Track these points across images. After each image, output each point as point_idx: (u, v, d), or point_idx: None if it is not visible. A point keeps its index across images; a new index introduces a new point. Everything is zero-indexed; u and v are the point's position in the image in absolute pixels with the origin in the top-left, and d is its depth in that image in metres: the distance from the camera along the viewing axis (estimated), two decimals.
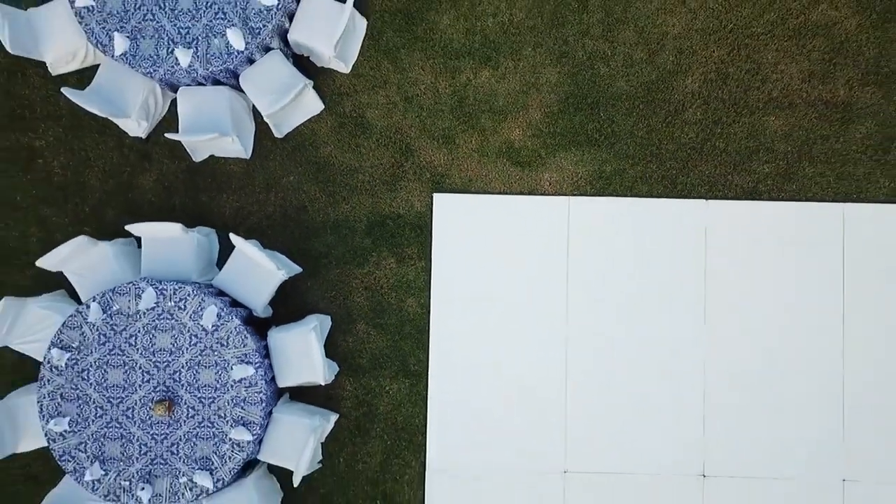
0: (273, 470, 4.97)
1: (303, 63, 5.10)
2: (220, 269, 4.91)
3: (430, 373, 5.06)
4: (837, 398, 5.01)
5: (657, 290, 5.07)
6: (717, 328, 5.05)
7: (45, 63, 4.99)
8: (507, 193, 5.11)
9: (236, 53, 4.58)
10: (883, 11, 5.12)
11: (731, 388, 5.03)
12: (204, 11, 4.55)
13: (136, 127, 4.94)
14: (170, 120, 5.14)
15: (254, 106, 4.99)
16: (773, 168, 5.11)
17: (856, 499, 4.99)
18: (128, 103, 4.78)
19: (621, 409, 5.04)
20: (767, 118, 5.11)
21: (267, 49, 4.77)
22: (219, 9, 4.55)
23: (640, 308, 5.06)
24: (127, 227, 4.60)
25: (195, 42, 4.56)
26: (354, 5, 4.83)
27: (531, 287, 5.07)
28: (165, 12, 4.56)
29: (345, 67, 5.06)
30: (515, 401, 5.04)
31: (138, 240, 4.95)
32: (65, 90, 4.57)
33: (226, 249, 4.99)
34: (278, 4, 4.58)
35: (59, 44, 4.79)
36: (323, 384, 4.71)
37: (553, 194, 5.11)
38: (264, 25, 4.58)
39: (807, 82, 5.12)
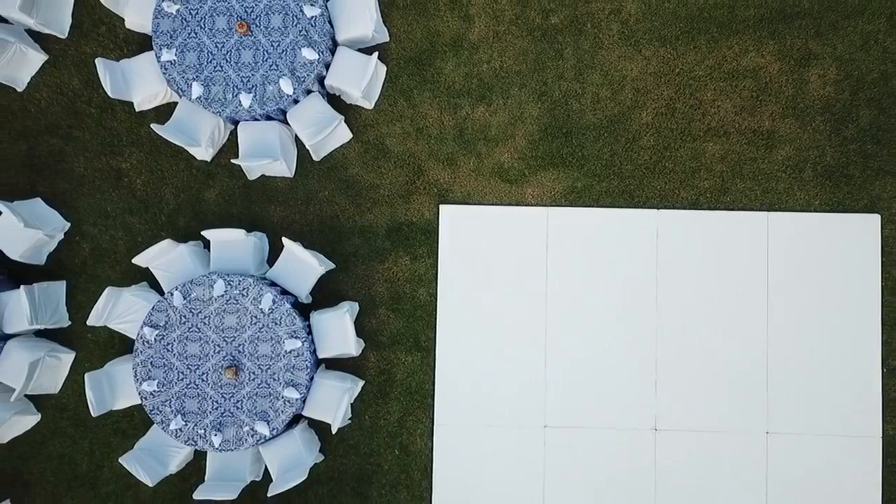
0: (311, 425, 6.25)
1: (335, 100, 6.38)
2: (269, 265, 6.20)
3: (437, 347, 6.33)
4: (762, 366, 6.26)
5: (619, 281, 6.34)
6: (666, 311, 6.31)
7: (131, 102, 6.28)
8: (498, 205, 6.39)
9: (286, 97, 5.87)
10: (799, 59, 6.38)
11: (677, 359, 6.29)
12: (261, 64, 5.84)
13: (203, 152, 6.23)
14: (228, 147, 6.43)
15: (296, 135, 6.27)
16: (712, 184, 6.37)
17: (777, 448, 6.25)
18: (199, 135, 6.07)
19: (589, 377, 6.30)
20: (707, 144, 6.38)
21: (308, 91, 6.05)
22: (273, 62, 5.84)
23: (604, 295, 6.33)
24: (203, 233, 5.89)
25: (254, 88, 5.85)
26: (370, 52, 6.11)
27: (518, 279, 6.34)
28: (231, 65, 5.85)
29: (369, 105, 6.35)
30: (505, 370, 6.31)
31: (206, 242, 6.24)
32: (153, 126, 5.86)
33: (274, 250, 6.27)
34: (318, 58, 5.86)
35: (145, 88, 6.08)
36: (354, 355, 6.00)
37: (535, 205, 6.38)
38: (308, 75, 5.86)
39: (738, 115, 6.38)
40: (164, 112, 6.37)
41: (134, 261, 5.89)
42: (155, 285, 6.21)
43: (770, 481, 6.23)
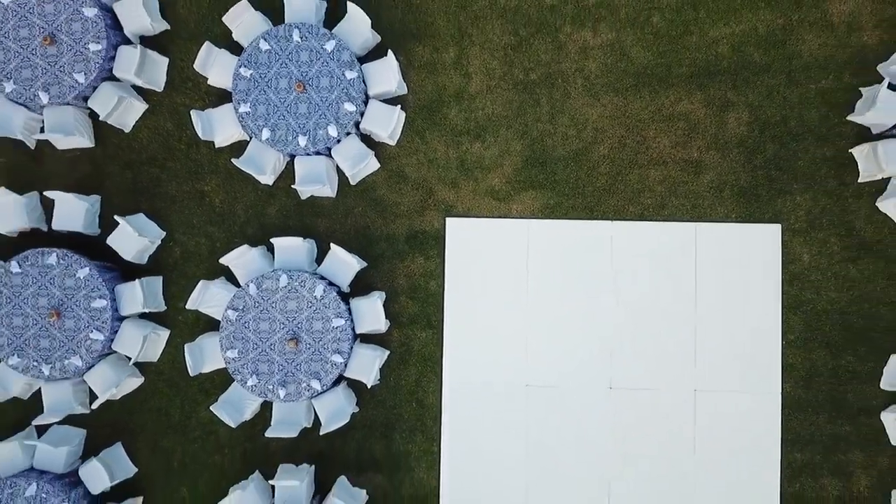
0: (350, 384, 8.26)
1: (367, 139, 8.38)
2: (318, 264, 8.20)
3: (444, 326, 8.34)
4: (692, 339, 8.25)
5: (584, 274, 8.33)
6: (619, 297, 8.31)
7: (212, 141, 8.29)
8: (490, 217, 8.39)
9: (332, 139, 7.88)
10: (720, 105, 8.37)
11: (628, 334, 8.28)
12: (313, 114, 7.85)
13: (267, 179, 8.23)
14: (285, 174, 8.43)
15: (337, 165, 8.28)
16: (653, 201, 8.37)
17: (702, 401, 8.25)
18: (265, 166, 8.08)
19: (561, 348, 8.30)
20: (649, 170, 8.37)
21: (348, 133, 8.05)
22: (322, 113, 7.84)
23: (573, 284, 8.32)
24: (272, 240, 7.90)
25: (308, 132, 7.86)
26: (396, 104, 8.10)
27: (506, 273, 8.33)
28: (291, 115, 7.86)
29: (392, 142, 8.35)
30: (496, 342, 8.31)
31: (269, 246, 8.24)
32: (233, 160, 7.88)
33: (321, 251, 8.27)
34: (356, 109, 7.87)
35: (224, 131, 8.09)
36: (382, 331, 8.02)
37: (518, 218, 8.38)
38: (348, 122, 7.87)
39: (673, 148, 8.38)
40: (235, 147, 8.38)
41: (221, 261, 7.91)
42: (231, 280, 8.22)
43: (697, 426, 8.23)
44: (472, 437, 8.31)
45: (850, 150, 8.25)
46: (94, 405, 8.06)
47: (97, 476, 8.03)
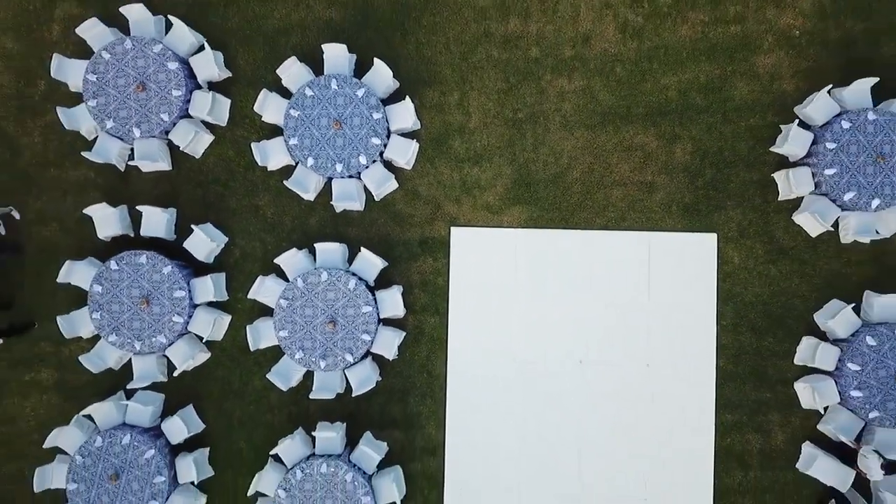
0: (375, 358, 10.42)
1: (388, 165, 10.55)
2: (350, 263, 10.36)
3: (449, 313, 10.51)
4: (646, 324, 10.42)
5: (560, 272, 10.48)
6: (590, 291, 10.46)
7: (265, 166, 10.46)
8: (486, 227, 10.55)
9: (362, 165, 10.05)
10: (669, 138, 10.52)
11: (595, 319, 10.44)
12: (347, 147, 10.02)
13: (310, 196, 10.40)
14: (323, 192, 10.59)
15: (365, 185, 10.44)
16: (615, 215, 10.52)
17: (654, 375, 10.40)
18: (308, 186, 10.25)
19: (541, 330, 10.46)
20: (612, 190, 10.53)
21: (374, 161, 10.22)
22: (354, 146, 10.01)
23: (550, 280, 10.48)
24: (315, 245, 10.08)
25: (344, 160, 10.03)
26: (411, 138, 10.26)
27: (498, 271, 10.50)
28: (330, 147, 10.03)
29: (408, 167, 10.52)
30: (490, 327, 10.47)
31: (311, 250, 10.40)
32: (285, 182, 10.06)
33: (352, 253, 10.43)
34: (381, 142, 10.04)
35: (276, 159, 10.26)
36: (400, 317, 10.20)
37: (508, 227, 10.55)
38: (375, 152, 10.04)
39: (632, 173, 10.53)
40: (284, 171, 10.55)
41: (275, 261, 10.09)
42: (280, 276, 10.39)
43: (649, 393, 10.39)
44: (471, 401, 10.48)
45: (772, 175, 10.41)
46: (175, 373, 10.26)
47: (176, 429, 10.23)
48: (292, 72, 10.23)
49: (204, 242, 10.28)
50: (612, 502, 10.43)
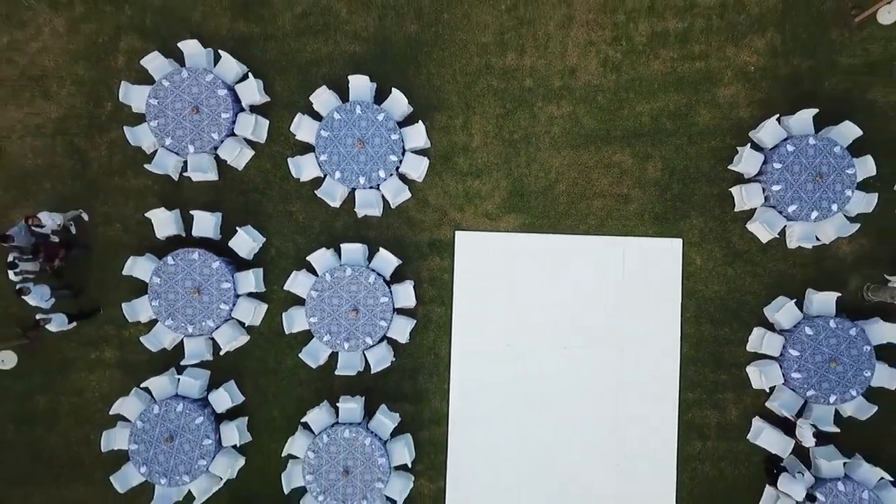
0: (390, 342, 12.26)
1: (403, 177, 12.38)
2: (370, 261, 12.20)
3: (453, 304, 12.35)
4: (619, 311, 12.24)
5: (547, 269, 12.31)
6: (573, 285, 12.29)
7: (298, 178, 12.28)
8: (485, 231, 12.39)
9: (381, 178, 11.90)
10: (643, 157, 12.35)
11: (577, 309, 12.27)
12: (369, 163, 11.85)
13: (336, 204, 12.23)
14: (347, 201, 12.43)
15: (383, 195, 12.28)
16: (596, 222, 12.35)
17: (627, 359, 12.23)
18: (335, 195, 12.10)
19: (531, 318, 12.29)
20: (593, 201, 12.36)
21: (391, 174, 12.06)
22: (375, 162, 11.85)
23: (539, 276, 12.30)
24: (342, 245, 11.92)
25: (366, 174, 11.87)
26: (423, 155, 12.09)
27: (494, 268, 12.33)
28: (355, 162, 11.87)
29: (420, 180, 12.35)
30: (489, 317, 12.30)
31: (337, 249, 12.23)
32: (316, 192, 11.90)
33: (371, 253, 12.27)
34: (398, 159, 11.87)
35: (309, 172, 12.11)
36: (412, 307, 12.04)
37: (504, 232, 12.38)
38: (392, 167, 11.89)
39: (611, 186, 12.35)
40: (314, 182, 12.38)
41: (307, 258, 11.93)
42: (311, 271, 12.23)
43: (622, 374, 12.21)
44: (471, 379, 12.32)
45: (729, 189, 12.23)
46: (221, 353, 12.12)
47: (221, 400, 12.08)
48: (322, 98, 12.08)
49: (245, 242, 12.13)
50: (590, 462, 12.27)
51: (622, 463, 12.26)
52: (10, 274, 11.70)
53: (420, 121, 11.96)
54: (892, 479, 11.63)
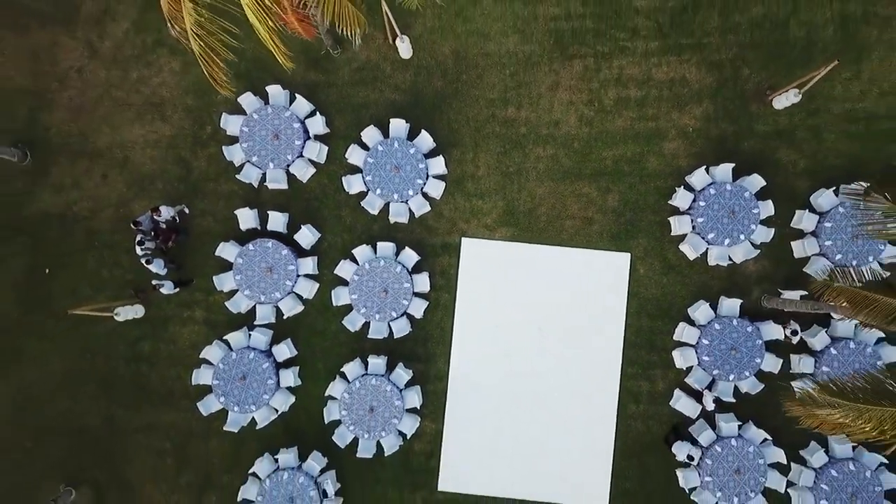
0: (408, 317, 16.51)
1: (426, 195, 16.62)
2: (397, 255, 16.45)
3: (457, 292, 16.60)
4: (578, 305, 16.47)
5: (529, 269, 16.55)
6: (547, 283, 16.51)
7: (348, 192, 16.55)
8: (484, 239, 16.63)
9: (410, 196, 16.15)
10: (605, 190, 16.57)
11: (551, 300, 16.49)
12: (402, 183, 16.09)
13: (374, 212, 16.48)
14: (383, 210, 16.68)
15: (410, 208, 16.53)
16: (567, 237, 16.56)
17: (586, 341, 16.45)
18: (375, 206, 16.35)
19: (515, 303, 16.52)
20: (566, 222, 16.58)
21: (417, 193, 16.31)
22: (405, 183, 16.10)
23: (522, 273, 16.54)
24: (378, 243, 16.18)
25: (399, 192, 16.12)
26: (441, 180, 16.32)
27: (490, 266, 16.57)
28: (391, 183, 16.12)
29: (437, 198, 16.60)
30: (483, 303, 16.54)
31: (374, 246, 16.48)
32: (361, 202, 16.18)
33: (398, 250, 16.52)
34: (423, 182, 16.13)
35: (356, 187, 16.38)
36: (426, 292, 16.31)
37: (499, 240, 16.62)
38: (419, 188, 16.14)
39: (579, 211, 16.57)
40: (360, 195, 16.63)
41: (352, 251, 16.21)
42: (353, 260, 16.48)
43: (578, 355, 16.43)
44: (467, 348, 16.54)
45: (668, 218, 16.44)
46: (284, 318, 16.40)
47: (282, 352, 16.35)
48: (369, 133, 16.34)
49: (306, 236, 16.41)
50: (555, 413, 16.47)
51: (579, 415, 16.47)
52: (137, 249, 16.02)
53: (441, 154, 16.22)
54: (771, 438, 15.80)
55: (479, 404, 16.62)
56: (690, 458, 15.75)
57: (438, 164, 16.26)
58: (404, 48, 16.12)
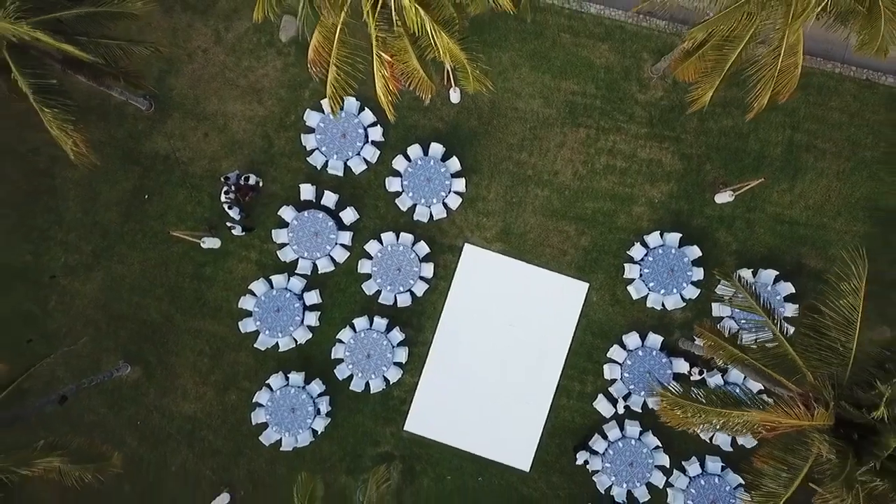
0: (412, 295, 21.45)
1: (445, 205, 21.53)
2: (413, 245, 21.39)
3: (452, 282, 21.51)
4: (542, 310, 21.37)
5: (510, 275, 21.46)
6: (523, 289, 21.42)
7: (387, 189, 21.50)
8: (481, 247, 21.55)
9: (434, 203, 21.09)
10: (580, 233, 21.48)
11: (517, 298, 21.39)
12: (430, 192, 21.04)
13: (404, 209, 21.43)
14: (411, 209, 21.61)
15: (431, 213, 21.46)
16: (543, 261, 21.46)
17: (542, 343, 21.35)
18: (406, 205, 21.31)
19: (494, 293, 21.44)
20: (546, 249, 21.49)
21: (439, 202, 21.25)
22: (433, 193, 21.04)
23: (504, 275, 21.46)
24: (401, 233, 21.12)
25: (426, 199, 21.08)
26: (460, 196, 21.23)
27: (482, 266, 21.49)
28: (422, 191, 21.07)
29: (454, 210, 21.53)
30: (475, 286, 21.46)
31: (398, 234, 21.41)
32: (396, 200, 21.15)
33: (415, 241, 21.45)
34: (445, 195, 21.08)
35: (394, 187, 21.34)
36: (430, 277, 21.27)
37: (493, 251, 21.54)
38: (442, 199, 21.10)
39: (558, 244, 21.46)
40: (395, 193, 21.55)
41: (381, 234, 21.16)
42: (378, 241, 21.41)
43: (538, 352, 21.34)
44: (451, 325, 21.44)
45: (624, 264, 21.30)
46: (319, 272, 21.35)
47: (311, 298, 21.31)
48: (413, 150, 21.30)
49: (349, 215, 21.37)
50: (509, 390, 21.33)
51: (524, 396, 21.32)
52: (222, 196, 21.03)
53: (463, 177, 21.17)
54: (662, 446, 20.65)
55: (450, 370, 21.51)
56: (586, 462, 20.61)
57: (460, 184, 21.20)
58: (455, 96, 21.10)
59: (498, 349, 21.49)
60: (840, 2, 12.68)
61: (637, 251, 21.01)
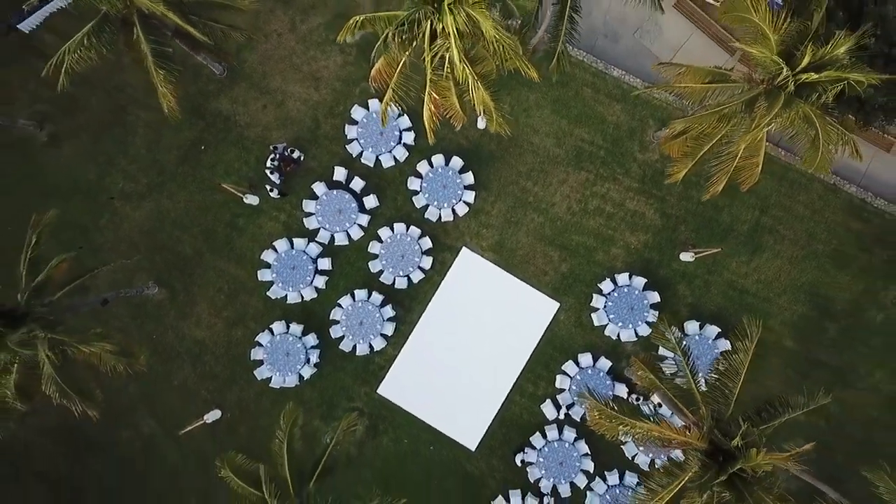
0: (410, 281, 24.86)
1: (454, 212, 24.95)
2: (420, 238, 24.81)
3: (446, 276, 24.92)
4: (513, 316, 24.79)
5: (496, 281, 24.86)
6: (504, 295, 24.81)
7: (407, 187, 24.91)
8: (476, 253, 24.95)
9: (445, 207, 24.51)
10: (564, 260, 24.90)
11: (499, 306, 24.80)
12: (444, 196, 24.45)
13: (419, 206, 24.84)
14: (424, 207, 25.02)
15: (440, 215, 24.88)
16: (526, 276, 24.88)
17: (508, 346, 24.76)
18: (420, 203, 24.74)
19: (477, 300, 24.84)
20: (530, 267, 24.90)
21: (450, 207, 24.66)
22: (446, 198, 24.45)
23: (491, 281, 24.89)
24: (411, 226, 24.54)
25: (439, 202, 24.49)
26: (468, 205, 24.63)
27: (471, 268, 24.89)
28: (437, 194, 24.48)
29: (461, 216, 24.95)
30: (467, 279, 24.87)
31: (408, 227, 24.81)
32: (413, 198, 24.57)
33: (421, 235, 24.86)
34: (456, 202, 24.49)
35: (414, 187, 24.77)
36: (427, 268, 24.70)
37: (486, 259, 24.94)
38: (453, 204, 24.51)
39: (542, 266, 24.87)
40: (414, 191, 24.95)
41: (394, 223, 24.58)
42: (391, 228, 24.83)
43: (503, 352, 24.74)
44: (438, 311, 24.82)
45: (593, 293, 24.67)
46: (335, 244, 24.78)
47: (324, 264, 24.73)
48: (437, 158, 24.70)
49: (371, 201, 24.80)
50: (471, 374, 24.75)
51: (484, 385, 24.71)
52: (267, 162, 24.49)
53: (474, 190, 24.57)
54: (590, 453, 24.04)
55: (427, 351, 24.93)
56: (524, 461, 24.04)
57: (470, 196, 24.61)
58: (481, 122, 24.51)
59: (471, 342, 24.87)
60: (791, 124, 16.10)
61: (606, 285, 24.39)
